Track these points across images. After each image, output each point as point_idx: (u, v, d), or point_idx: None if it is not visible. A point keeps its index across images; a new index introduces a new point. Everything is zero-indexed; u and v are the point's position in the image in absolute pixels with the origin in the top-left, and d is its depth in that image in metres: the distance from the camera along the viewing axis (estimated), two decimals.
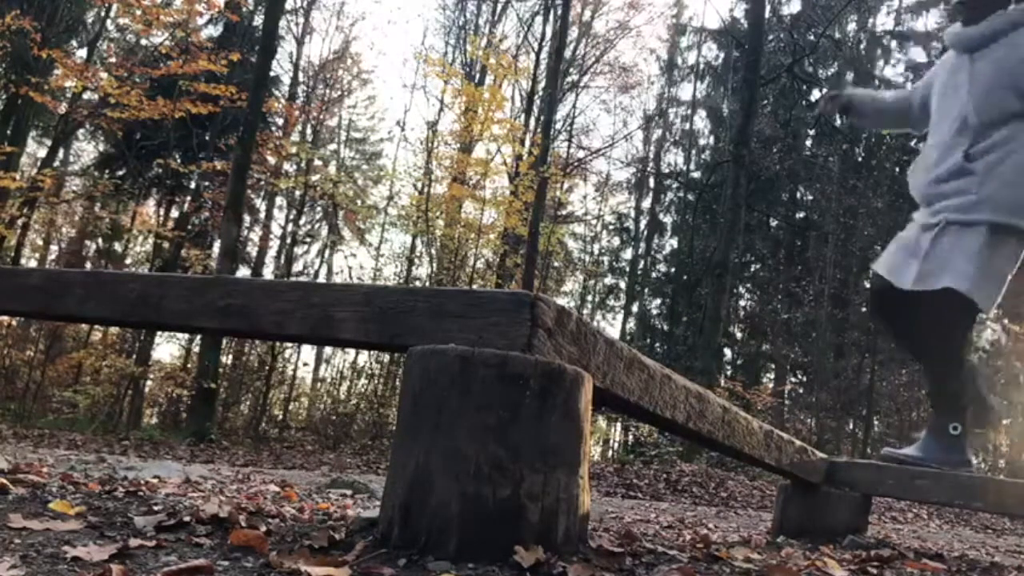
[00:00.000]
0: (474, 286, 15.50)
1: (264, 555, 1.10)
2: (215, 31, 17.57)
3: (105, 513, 1.38)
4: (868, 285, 2.71)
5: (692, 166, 24.02)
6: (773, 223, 21.84)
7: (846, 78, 21.00)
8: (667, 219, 24.00)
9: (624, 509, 4.69)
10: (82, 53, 15.75)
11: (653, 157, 24.52)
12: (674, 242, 23.63)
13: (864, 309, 19.56)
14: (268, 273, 19.70)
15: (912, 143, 20.80)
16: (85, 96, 14.44)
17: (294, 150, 18.36)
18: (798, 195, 22.30)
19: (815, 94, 21.49)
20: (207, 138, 16.40)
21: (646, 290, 23.42)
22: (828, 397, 18.33)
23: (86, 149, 19.72)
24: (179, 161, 14.64)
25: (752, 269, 21.95)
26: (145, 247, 18.85)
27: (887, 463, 2.68)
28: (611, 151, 22.91)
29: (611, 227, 25.10)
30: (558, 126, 18.79)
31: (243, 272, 17.47)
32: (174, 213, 18.21)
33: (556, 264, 22.50)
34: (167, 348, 20.96)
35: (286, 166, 18.75)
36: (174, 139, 15.11)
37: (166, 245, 15.73)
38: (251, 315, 1.52)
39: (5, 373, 14.13)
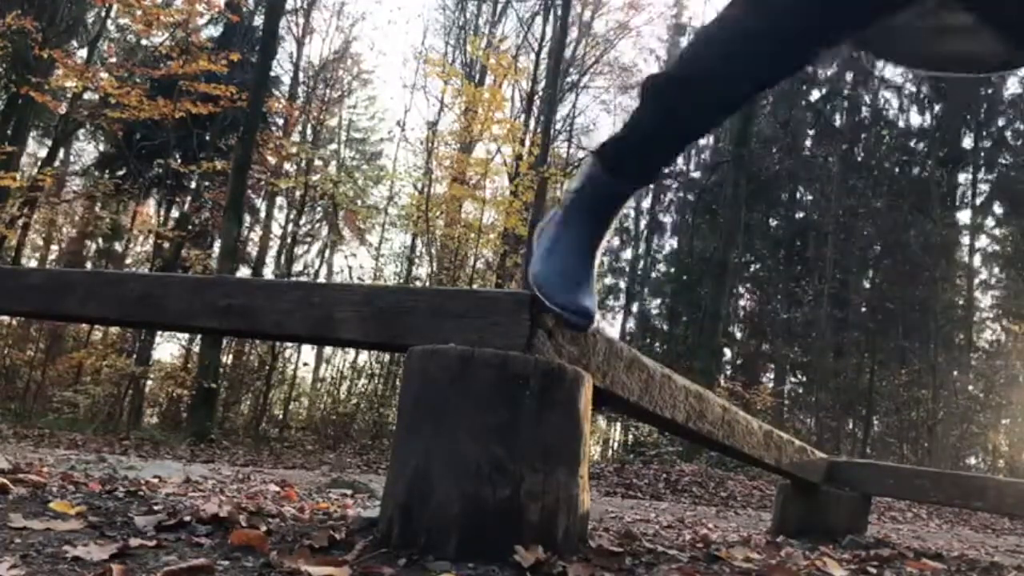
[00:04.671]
0: (474, 286, 15.50)
1: (264, 555, 1.10)
2: (215, 31, 17.57)
3: (105, 513, 1.38)
4: None
5: (692, 166, 24.02)
6: (773, 223, 21.85)
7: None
8: (667, 219, 24.01)
9: (624, 509, 4.69)
10: (82, 53, 15.75)
11: None
12: (674, 242, 23.65)
13: (864, 309, 19.59)
14: (268, 273, 19.69)
15: (912, 143, 20.83)
16: (85, 96, 14.45)
17: (294, 150, 18.36)
18: (798, 195, 22.30)
19: (815, 94, 21.51)
20: (207, 138, 16.40)
21: (646, 290, 23.43)
22: (828, 397, 18.33)
23: (86, 149, 19.73)
24: (179, 161, 14.65)
25: (752, 269, 21.96)
26: (145, 247, 18.86)
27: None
28: None
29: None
30: (558, 126, 18.80)
31: (243, 272, 17.46)
32: (174, 213, 18.21)
33: None
34: (167, 348, 20.98)
35: (286, 166, 18.75)
36: (174, 139, 15.11)
37: (166, 245, 15.74)
38: (251, 315, 1.52)
39: (5, 373, 14.13)
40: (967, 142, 20.58)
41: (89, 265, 18.74)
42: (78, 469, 2.98)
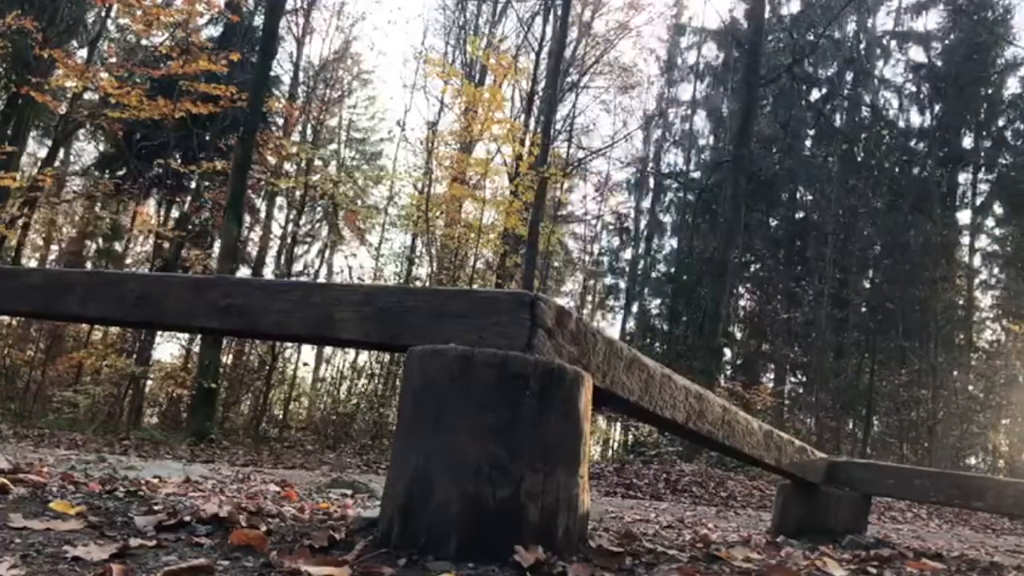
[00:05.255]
0: (474, 286, 15.50)
1: (264, 555, 1.10)
2: (215, 31, 17.57)
3: (105, 513, 1.38)
4: None
5: (692, 166, 24.03)
6: (773, 223, 21.85)
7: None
8: (667, 219, 24.02)
9: (624, 509, 4.69)
10: (83, 53, 15.75)
11: (653, 157, 24.53)
12: (674, 242, 23.65)
13: (864, 309, 19.59)
14: (268, 273, 19.67)
15: (912, 143, 20.83)
16: (85, 96, 14.45)
17: (294, 150, 18.35)
18: (798, 195, 22.30)
19: (815, 94, 21.51)
20: (207, 138, 16.39)
21: (646, 290, 23.43)
22: (828, 397, 18.33)
23: (86, 149, 19.73)
24: (179, 161, 14.64)
25: (752, 269, 21.95)
26: (145, 247, 18.86)
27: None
28: (611, 151, 22.90)
29: (611, 227, 25.12)
30: (558, 126, 18.78)
31: (243, 272, 17.45)
32: (174, 213, 18.20)
33: (556, 264, 22.51)
34: (167, 348, 20.97)
35: (286, 166, 18.74)
36: (174, 139, 15.10)
37: (166, 245, 15.73)
38: (251, 315, 1.52)
39: (5, 373, 14.13)
40: (967, 142, 20.60)
41: (89, 265, 18.73)
42: (78, 469, 2.98)
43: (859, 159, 21.05)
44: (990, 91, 20.06)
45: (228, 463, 6.69)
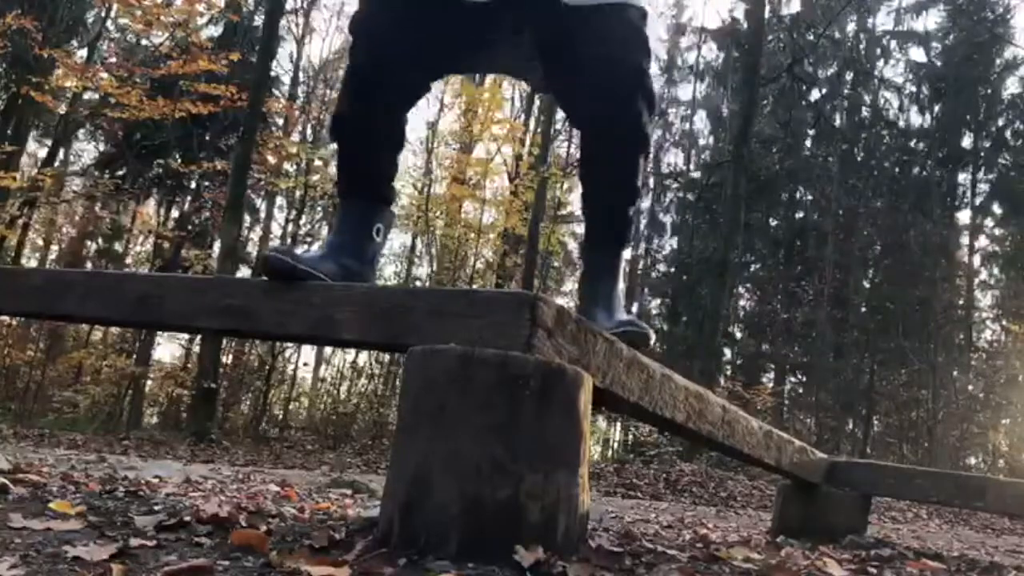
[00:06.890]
0: (474, 286, 15.51)
1: (264, 555, 1.10)
2: (215, 31, 17.57)
3: (105, 513, 1.38)
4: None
5: (692, 166, 24.03)
6: (773, 223, 21.85)
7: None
8: (667, 219, 24.01)
9: (624, 509, 4.69)
10: (82, 53, 15.76)
11: (653, 157, 24.51)
12: (674, 242, 23.66)
13: (864, 309, 19.59)
14: None
15: (912, 143, 20.83)
16: (85, 96, 14.46)
17: (294, 150, 18.36)
18: (798, 195, 22.31)
19: (815, 94, 21.52)
20: (207, 138, 16.39)
21: (646, 290, 23.43)
22: (828, 397, 18.33)
23: (86, 149, 19.73)
24: (179, 161, 14.65)
25: (752, 269, 21.95)
26: (145, 247, 18.87)
27: None
28: None
29: None
30: (558, 126, 18.76)
31: (243, 272, 17.46)
32: (174, 213, 18.22)
33: (556, 264, 22.51)
34: (167, 348, 20.95)
35: (286, 166, 18.75)
36: (174, 139, 15.11)
37: (166, 245, 15.75)
38: (251, 315, 1.52)
39: (5, 373, 14.14)
40: (967, 142, 20.60)
41: (89, 265, 18.73)
42: (78, 469, 2.98)
43: (859, 159, 21.06)
44: (990, 91, 20.07)
45: (228, 463, 6.69)
